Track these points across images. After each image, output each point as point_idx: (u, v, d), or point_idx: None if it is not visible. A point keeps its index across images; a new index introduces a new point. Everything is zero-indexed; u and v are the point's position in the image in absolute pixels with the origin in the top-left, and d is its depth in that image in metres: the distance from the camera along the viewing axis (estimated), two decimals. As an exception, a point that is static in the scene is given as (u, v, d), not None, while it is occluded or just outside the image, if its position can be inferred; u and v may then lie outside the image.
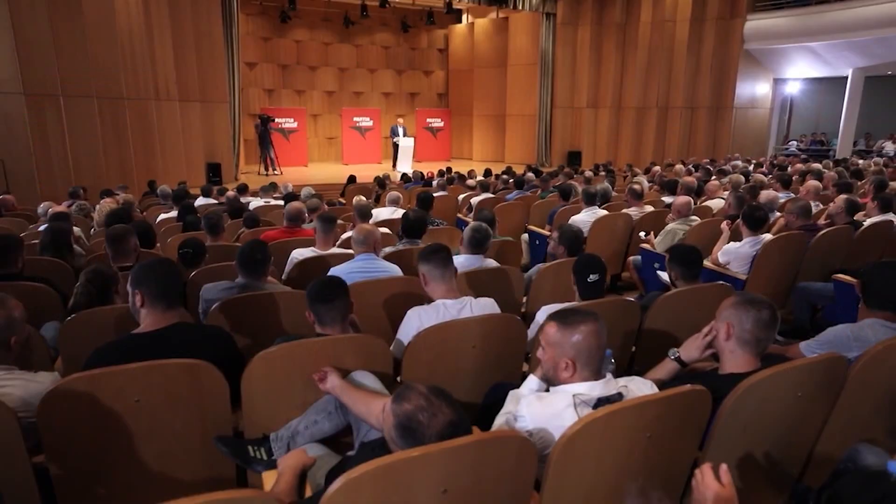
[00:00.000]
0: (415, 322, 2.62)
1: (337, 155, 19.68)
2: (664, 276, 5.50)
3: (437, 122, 20.38)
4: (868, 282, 2.44)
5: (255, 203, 8.09)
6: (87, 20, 10.32)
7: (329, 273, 3.56)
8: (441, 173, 12.13)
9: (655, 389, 1.90)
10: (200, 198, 8.88)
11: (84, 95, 10.55)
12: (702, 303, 3.08)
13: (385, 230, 5.00)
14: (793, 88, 18.10)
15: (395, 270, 3.58)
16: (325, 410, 2.21)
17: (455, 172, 13.05)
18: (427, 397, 1.48)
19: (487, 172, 13.27)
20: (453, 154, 21.29)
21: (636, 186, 6.55)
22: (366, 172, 14.25)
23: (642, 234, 6.13)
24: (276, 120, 17.45)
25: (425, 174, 12.68)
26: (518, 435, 1.54)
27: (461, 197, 9.05)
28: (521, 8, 17.22)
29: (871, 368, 2.13)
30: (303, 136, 18.37)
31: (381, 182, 10.66)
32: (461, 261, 3.62)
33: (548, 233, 6.85)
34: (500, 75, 19.73)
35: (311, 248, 4.21)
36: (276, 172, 16.03)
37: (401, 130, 16.92)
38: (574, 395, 1.74)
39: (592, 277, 2.86)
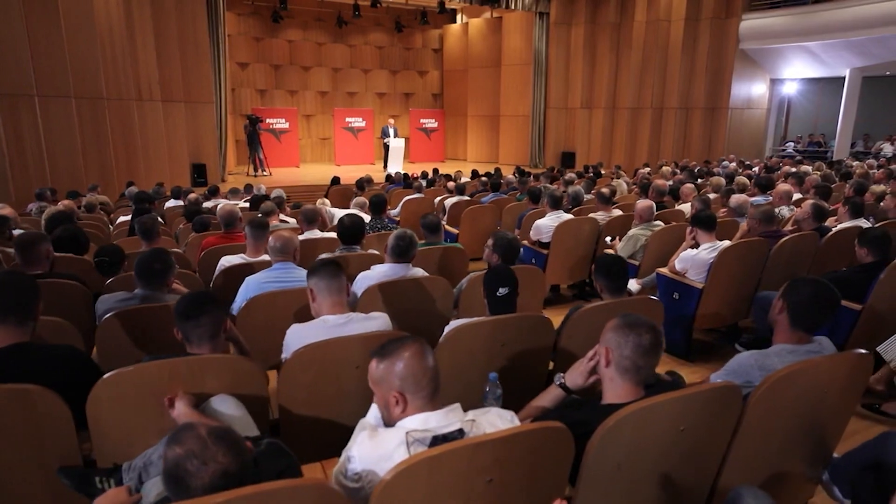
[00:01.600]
0: (293, 340, 2.43)
1: (330, 156, 19.57)
2: (630, 283, 5.33)
3: (430, 123, 20.19)
4: (790, 299, 2.21)
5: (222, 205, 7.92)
6: (64, 19, 10.17)
7: (244, 282, 3.40)
8: (424, 175, 11.93)
9: (515, 422, 1.70)
10: (171, 200, 8.75)
11: (61, 96, 10.40)
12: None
13: (332, 235, 4.83)
14: (790, 89, 17.77)
15: (315, 280, 3.38)
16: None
17: (442, 174, 12.89)
18: (203, 441, 1.29)
19: (475, 174, 13.09)
20: (448, 155, 21.12)
21: (605, 190, 6.34)
22: (358, 173, 14.02)
23: (608, 238, 5.93)
24: (268, 120, 17.32)
25: (410, 175, 12.49)
26: (320, 483, 1.35)
27: (437, 200, 8.87)
28: (513, 7, 17.02)
29: (773, 396, 1.93)
30: (294, 137, 18.22)
31: (361, 184, 10.46)
32: (384, 270, 3.44)
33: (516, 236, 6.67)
34: (494, 75, 19.56)
35: (241, 254, 4.03)
36: (265, 173, 15.90)
37: (391, 131, 16.74)
38: (407, 433, 1.54)
39: (502, 291, 2.66)
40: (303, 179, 15.17)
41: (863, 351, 2.08)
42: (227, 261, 3.95)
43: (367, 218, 5.57)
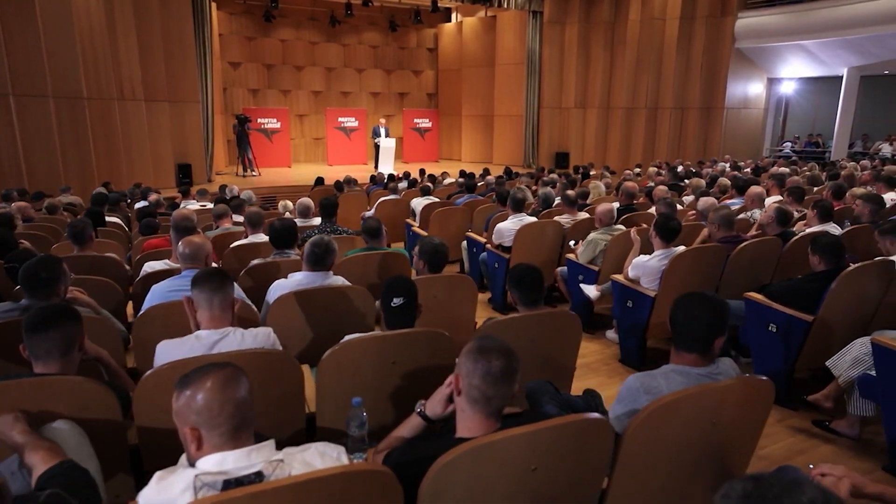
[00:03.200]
0: (162, 357, 2.25)
1: (323, 156, 19.39)
2: (588, 289, 5.13)
3: (424, 123, 20.01)
4: (671, 318, 2.02)
5: (190, 207, 7.79)
6: (41, 17, 10.05)
7: (150, 291, 3.23)
8: (406, 175, 11.75)
9: (342, 460, 1.51)
10: (141, 201, 8.61)
11: (38, 95, 10.29)
12: (539, 332, 2.69)
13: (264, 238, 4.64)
14: (788, 88, 17.46)
15: (227, 289, 3.20)
16: (9, 470, 1.85)
17: (428, 175, 12.69)
18: None
19: (462, 174, 12.88)
20: (442, 155, 20.94)
21: (570, 192, 6.14)
22: (350, 173, 13.74)
23: (571, 242, 5.72)
24: (258, 120, 17.20)
25: (395, 176, 12.31)
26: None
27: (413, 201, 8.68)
28: (506, 6, 16.80)
29: (653, 427, 1.74)
30: (286, 137, 18.08)
31: (339, 185, 10.30)
32: (299, 278, 3.26)
33: (483, 240, 6.47)
34: (488, 75, 19.35)
35: (166, 260, 3.86)
36: (253, 173, 15.77)
37: (383, 131, 16.55)
38: (196, 476, 1.36)
39: (396, 302, 2.47)
40: (293, 180, 15.01)
41: (762, 377, 1.89)
42: (149, 266, 3.79)
43: (317, 221, 5.40)
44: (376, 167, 16.22)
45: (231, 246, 4.76)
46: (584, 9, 17.22)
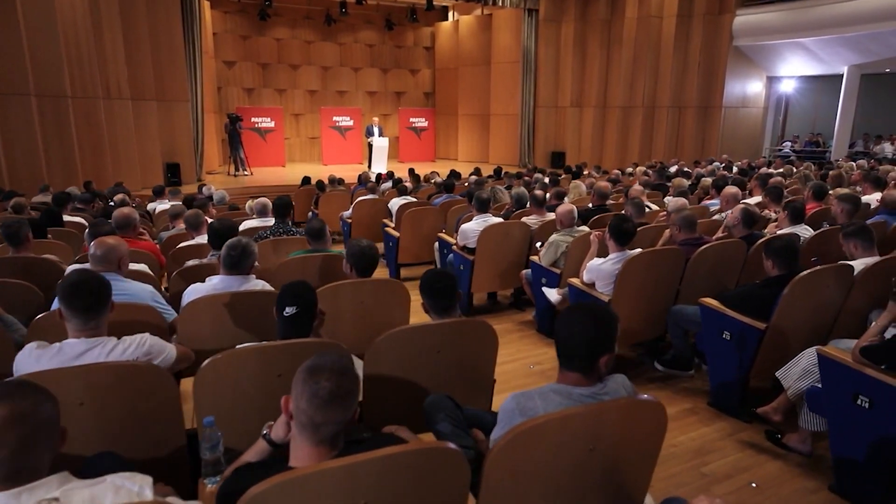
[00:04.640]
0: (22, 369, 2.10)
1: (319, 155, 19.26)
2: (549, 292, 4.95)
3: (420, 122, 19.84)
4: (555, 333, 1.83)
5: (161, 207, 7.68)
6: (22, 15, 9.93)
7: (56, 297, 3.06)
8: (390, 175, 11.59)
9: (143, 496, 1.34)
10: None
11: (19, 93, 10.17)
12: (449, 342, 2.51)
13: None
14: (787, 87, 17.15)
15: (140, 294, 3.04)
16: None
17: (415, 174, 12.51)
18: None
19: (452, 174, 12.71)
20: (439, 154, 20.76)
21: (538, 192, 5.94)
22: (345, 173, 13.63)
23: (538, 244, 5.53)
24: (252, 119, 17.10)
25: (382, 175, 12.15)
26: None
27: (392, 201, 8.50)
28: (502, 4, 16.59)
29: (517, 454, 1.56)
30: (280, 136, 17.98)
31: (321, 185, 10.16)
32: (215, 283, 3.09)
33: (453, 241, 6.30)
34: (484, 74, 19.17)
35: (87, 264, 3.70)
36: (245, 173, 15.67)
37: (376, 130, 16.37)
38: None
39: (289, 311, 2.30)
40: (286, 179, 14.87)
41: (645, 396, 1.70)
42: (72, 270, 3.62)
43: (271, 221, 5.24)
44: (370, 167, 16.08)
45: (178, 247, 4.62)
46: (581, 7, 16.98)
